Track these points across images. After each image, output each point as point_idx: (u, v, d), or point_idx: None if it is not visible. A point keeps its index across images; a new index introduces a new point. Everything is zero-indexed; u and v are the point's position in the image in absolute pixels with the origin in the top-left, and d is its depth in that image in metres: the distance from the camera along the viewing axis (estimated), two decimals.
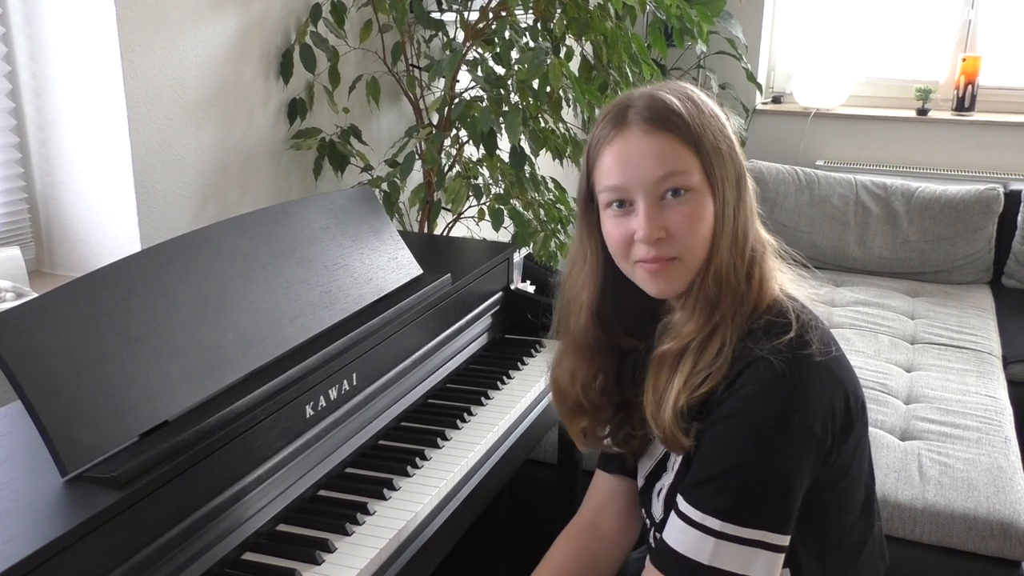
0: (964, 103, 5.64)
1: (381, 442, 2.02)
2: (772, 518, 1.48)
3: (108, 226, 2.44)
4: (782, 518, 1.49)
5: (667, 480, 1.68)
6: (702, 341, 1.56)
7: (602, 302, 1.70)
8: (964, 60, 5.59)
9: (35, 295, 1.79)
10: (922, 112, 5.69)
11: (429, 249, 2.65)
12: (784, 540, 1.50)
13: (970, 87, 5.60)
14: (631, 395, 1.72)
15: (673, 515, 1.56)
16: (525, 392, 2.29)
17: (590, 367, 1.74)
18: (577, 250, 1.72)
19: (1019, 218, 4.79)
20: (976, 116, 5.61)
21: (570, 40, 3.23)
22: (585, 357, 1.74)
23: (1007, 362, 3.92)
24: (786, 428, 1.47)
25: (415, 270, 2.25)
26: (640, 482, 1.79)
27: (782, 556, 1.50)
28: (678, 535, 1.53)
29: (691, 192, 1.54)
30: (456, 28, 3.17)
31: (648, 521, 1.76)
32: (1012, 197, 4.82)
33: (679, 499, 1.55)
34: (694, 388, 1.54)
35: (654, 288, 1.60)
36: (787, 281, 1.64)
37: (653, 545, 1.74)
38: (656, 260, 1.56)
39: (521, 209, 3.08)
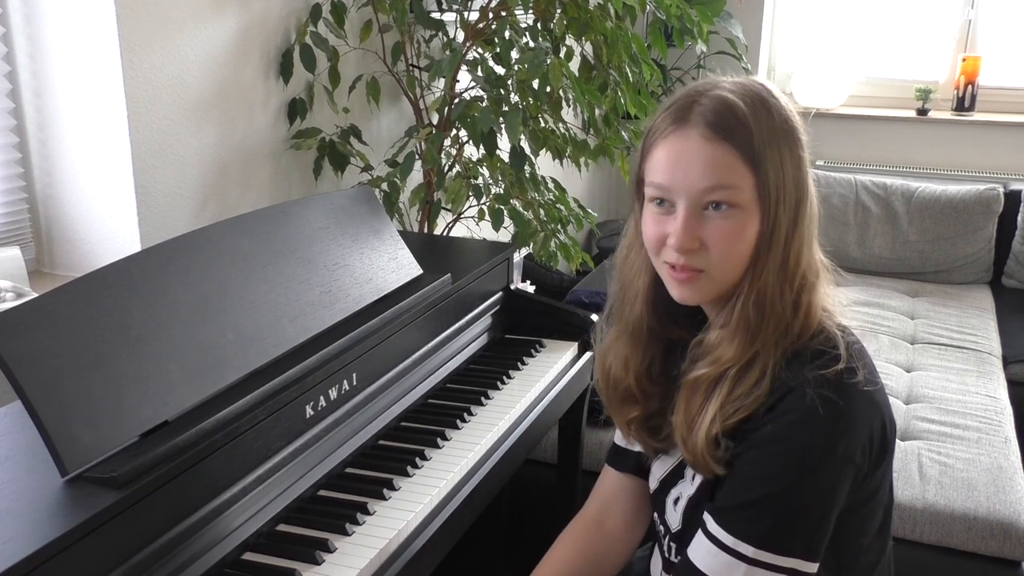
0: (964, 103, 5.64)
1: (381, 442, 2.02)
2: (807, 547, 1.47)
3: (108, 226, 2.44)
4: (816, 546, 1.48)
5: (686, 490, 1.66)
6: (740, 369, 1.52)
7: (658, 289, 1.66)
8: (964, 60, 5.60)
9: (35, 295, 1.80)
10: (922, 112, 5.69)
11: (429, 249, 2.65)
12: (814, 568, 1.48)
13: (970, 87, 5.61)
14: (674, 388, 1.67)
15: (701, 535, 1.54)
16: (525, 392, 2.29)
17: (644, 355, 1.71)
18: (633, 236, 1.68)
19: (1019, 218, 4.79)
20: (976, 116, 5.61)
21: (570, 40, 3.23)
22: (639, 344, 1.71)
23: (1007, 362, 3.93)
24: (830, 458, 1.45)
25: (415, 270, 2.24)
26: (653, 485, 1.77)
27: None
28: (707, 557, 1.51)
29: (736, 209, 1.49)
30: (456, 28, 3.17)
31: (662, 528, 1.74)
32: (1012, 197, 4.83)
33: (709, 520, 1.53)
34: (728, 416, 1.51)
35: (676, 293, 1.57)
36: (832, 302, 1.60)
37: (667, 554, 1.73)
38: (684, 269, 1.53)
39: (521, 209, 3.08)
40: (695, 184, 1.49)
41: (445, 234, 3.41)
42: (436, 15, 3.17)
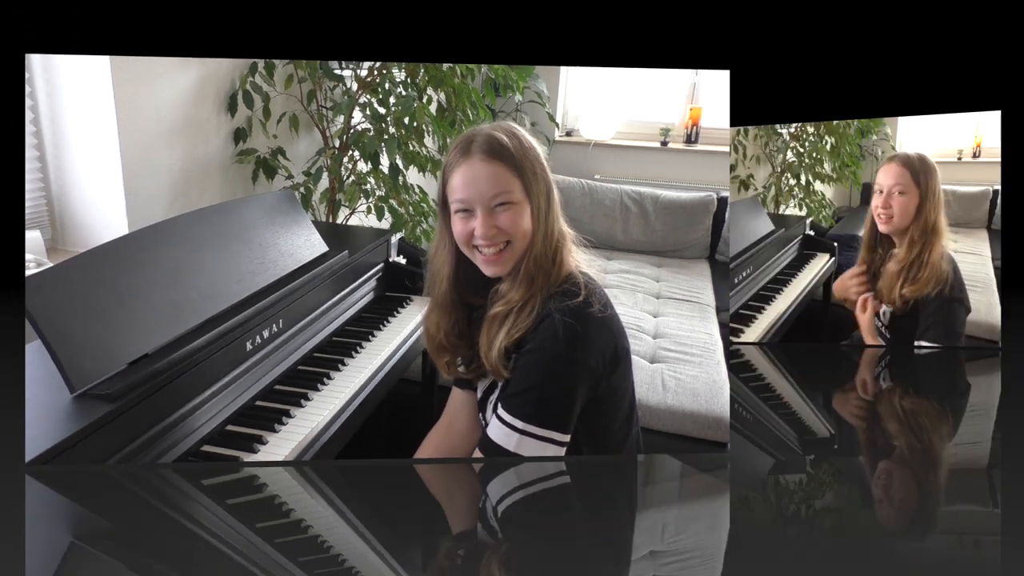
0: (691, 138, 5.75)
1: (300, 367, 2.01)
2: (557, 422, 1.56)
3: (104, 215, 2.37)
4: (565, 423, 1.57)
5: (496, 395, 1.71)
6: (522, 306, 1.61)
7: (456, 275, 1.73)
8: (691, 109, 5.71)
9: (51, 264, 1.76)
10: (664, 144, 5.79)
11: (333, 234, 2.63)
12: (566, 438, 1.57)
13: (695, 127, 5.72)
14: (478, 338, 1.73)
15: (493, 415, 1.63)
16: (401, 330, 2.28)
17: (449, 319, 1.76)
18: (439, 239, 1.75)
19: (726, 214, 4.92)
20: (700, 147, 5.72)
21: (430, 90, 3.21)
22: (446, 312, 1.77)
23: (718, 311, 4.04)
24: (570, 361, 1.54)
25: (323, 247, 2.25)
26: (479, 395, 1.82)
27: (564, 448, 1.58)
28: (495, 430, 1.60)
29: (514, 204, 1.60)
30: (352, 80, 3.13)
31: (484, 422, 1.78)
32: (722, 201, 4.95)
33: (498, 405, 1.62)
34: (511, 337, 1.60)
35: (489, 271, 1.66)
36: (581, 260, 1.70)
37: None
38: (492, 245, 1.60)
39: (396, 206, 3.06)
40: (485, 194, 1.60)
41: (344, 223, 3.37)
42: (338, 71, 3.13)
